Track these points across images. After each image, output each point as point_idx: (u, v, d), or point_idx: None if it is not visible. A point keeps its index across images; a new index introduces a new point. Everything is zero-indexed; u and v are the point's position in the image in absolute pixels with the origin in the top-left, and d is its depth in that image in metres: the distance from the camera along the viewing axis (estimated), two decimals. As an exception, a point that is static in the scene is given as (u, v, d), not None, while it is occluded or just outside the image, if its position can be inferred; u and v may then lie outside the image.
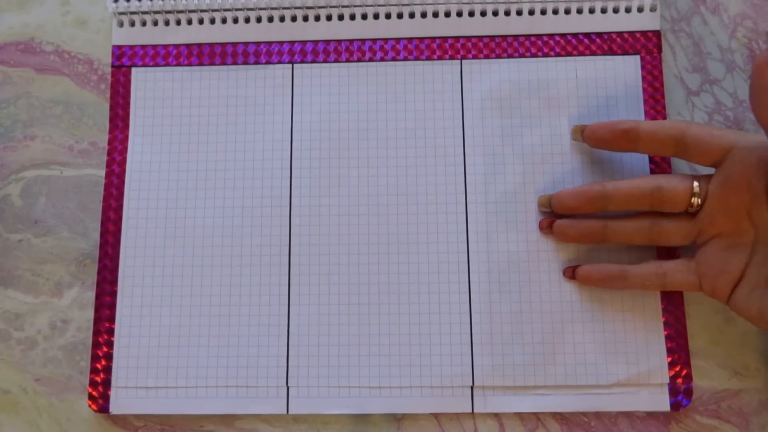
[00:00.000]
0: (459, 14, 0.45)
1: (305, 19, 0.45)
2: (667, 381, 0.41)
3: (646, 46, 0.45)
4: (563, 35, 0.45)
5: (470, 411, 0.41)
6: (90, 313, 0.43)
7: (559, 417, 0.41)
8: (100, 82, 0.46)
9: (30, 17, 0.47)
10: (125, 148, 0.44)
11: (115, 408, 0.41)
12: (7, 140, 0.46)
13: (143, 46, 0.46)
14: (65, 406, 0.42)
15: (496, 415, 0.41)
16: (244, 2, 0.45)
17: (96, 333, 0.42)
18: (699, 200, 0.38)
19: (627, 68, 0.44)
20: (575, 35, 0.45)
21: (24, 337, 0.43)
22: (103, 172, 0.44)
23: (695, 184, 0.38)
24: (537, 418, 0.41)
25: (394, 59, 0.45)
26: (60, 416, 0.42)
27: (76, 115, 0.46)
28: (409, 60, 0.45)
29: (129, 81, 0.45)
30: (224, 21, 0.46)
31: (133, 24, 0.46)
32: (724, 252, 0.37)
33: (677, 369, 0.41)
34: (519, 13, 0.45)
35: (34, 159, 0.45)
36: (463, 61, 0.45)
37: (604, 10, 0.45)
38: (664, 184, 0.38)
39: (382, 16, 0.45)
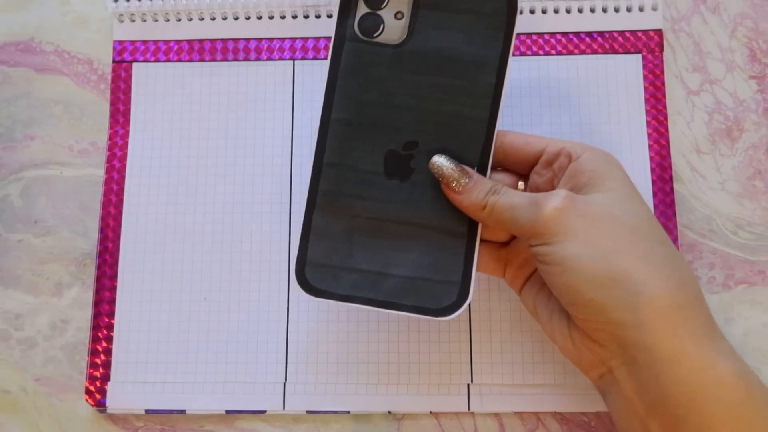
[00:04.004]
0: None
1: (306, 16, 0.45)
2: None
3: (647, 45, 0.45)
4: (564, 34, 0.45)
5: (469, 410, 0.41)
6: (90, 313, 0.43)
7: (559, 417, 0.41)
8: (99, 82, 0.46)
9: (30, 17, 0.47)
10: (126, 144, 0.44)
11: (112, 403, 0.41)
12: (7, 140, 0.46)
13: (144, 42, 0.46)
14: (65, 406, 0.42)
15: (496, 415, 0.41)
16: (244, 3, 0.45)
17: (95, 328, 0.42)
18: None
19: (628, 67, 0.44)
20: (576, 34, 0.45)
21: (24, 337, 0.43)
22: (102, 172, 0.44)
23: (520, 184, 0.38)
24: (537, 417, 0.41)
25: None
26: (60, 416, 0.42)
27: (76, 115, 0.46)
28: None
29: (130, 76, 0.45)
30: (225, 18, 0.46)
31: (133, 20, 0.46)
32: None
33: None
34: (521, 12, 0.45)
35: (34, 159, 0.45)
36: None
37: (605, 10, 0.45)
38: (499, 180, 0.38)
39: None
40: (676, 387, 0.31)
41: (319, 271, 0.36)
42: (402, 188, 0.36)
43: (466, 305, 0.36)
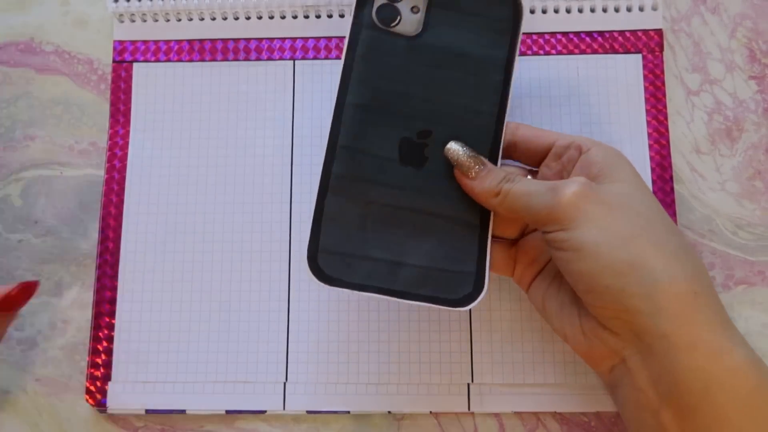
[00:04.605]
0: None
1: (306, 16, 0.45)
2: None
3: (647, 45, 0.45)
4: (565, 33, 0.45)
5: (469, 410, 0.41)
6: (90, 313, 0.43)
7: (559, 417, 0.41)
8: (100, 82, 0.46)
9: (30, 17, 0.47)
10: (126, 144, 0.44)
11: (112, 403, 0.41)
12: (7, 140, 0.46)
13: (144, 42, 0.46)
14: (65, 406, 0.42)
15: (496, 415, 0.41)
16: (244, 3, 0.45)
17: (95, 328, 0.42)
18: None
19: (628, 67, 0.44)
20: (577, 34, 0.45)
21: (24, 337, 0.43)
22: (103, 172, 0.44)
23: (529, 177, 0.38)
24: (537, 417, 0.41)
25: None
26: (60, 416, 0.42)
27: (76, 115, 0.46)
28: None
29: (130, 76, 0.45)
30: (225, 18, 0.46)
31: (133, 20, 0.46)
32: (541, 242, 0.38)
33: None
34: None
35: (34, 159, 0.45)
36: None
37: (605, 9, 0.45)
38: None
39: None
40: (690, 375, 0.31)
41: (332, 258, 0.35)
42: (416, 176, 0.36)
43: (482, 296, 0.35)
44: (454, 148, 0.36)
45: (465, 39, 0.38)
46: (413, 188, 0.36)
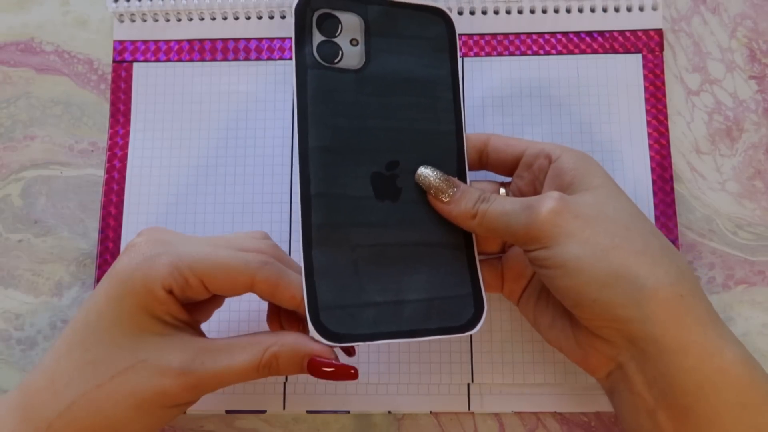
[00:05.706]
0: (460, 12, 0.45)
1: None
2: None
3: (647, 45, 0.45)
4: (565, 33, 0.45)
5: (469, 410, 0.41)
6: (90, 313, 0.43)
7: (559, 417, 0.41)
8: (100, 82, 0.46)
9: (30, 17, 0.47)
10: (126, 143, 0.44)
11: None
12: (7, 140, 0.46)
13: (144, 42, 0.46)
14: (65, 405, 0.42)
15: (496, 415, 0.41)
16: (244, 3, 0.45)
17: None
18: None
19: (629, 67, 0.44)
20: (577, 33, 0.45)
21: (24, 337, 0.43)
22: (102, 172, 0.44)
23: (501, 190, 0.38)
24: (537, 417, 0.41)
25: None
26: (59, 416, 0.42)
27: (76, 115, 0.46)
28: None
29: (130, 76, 0.45)
30: (225, 18, 0.46)
31: (133, 20, 0.46)
32: (524, 256, 0.37)
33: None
34: (520, 11, 0.45)
35: (34, 159, 0.45)
36: (465, 58, 0.45)
37: (605, 9, 0.45)
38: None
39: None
40: (684, 376, 0.31)
41: (335, 314, 0.34)
42: (395, 209, 0.36)
43: (485, 315, 0.35)
44: (425, 173, 0.36)
45: (408, 63, 0.38)
46: (394, 222, 0.36)
